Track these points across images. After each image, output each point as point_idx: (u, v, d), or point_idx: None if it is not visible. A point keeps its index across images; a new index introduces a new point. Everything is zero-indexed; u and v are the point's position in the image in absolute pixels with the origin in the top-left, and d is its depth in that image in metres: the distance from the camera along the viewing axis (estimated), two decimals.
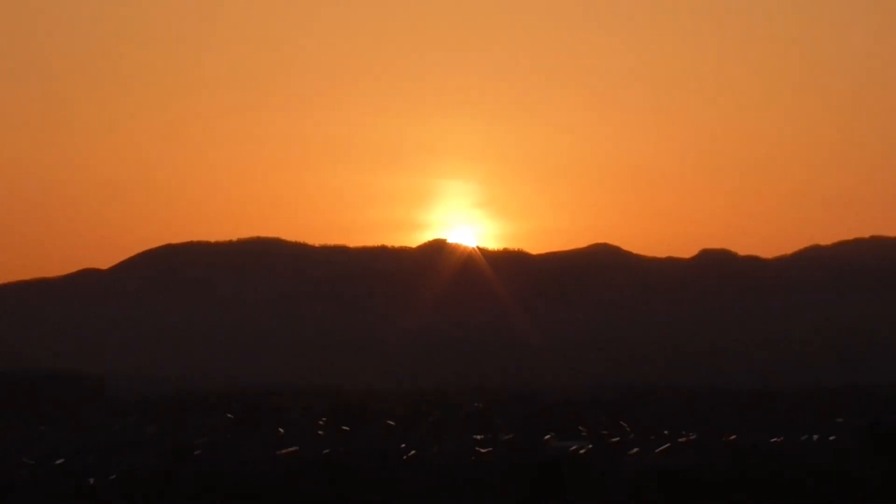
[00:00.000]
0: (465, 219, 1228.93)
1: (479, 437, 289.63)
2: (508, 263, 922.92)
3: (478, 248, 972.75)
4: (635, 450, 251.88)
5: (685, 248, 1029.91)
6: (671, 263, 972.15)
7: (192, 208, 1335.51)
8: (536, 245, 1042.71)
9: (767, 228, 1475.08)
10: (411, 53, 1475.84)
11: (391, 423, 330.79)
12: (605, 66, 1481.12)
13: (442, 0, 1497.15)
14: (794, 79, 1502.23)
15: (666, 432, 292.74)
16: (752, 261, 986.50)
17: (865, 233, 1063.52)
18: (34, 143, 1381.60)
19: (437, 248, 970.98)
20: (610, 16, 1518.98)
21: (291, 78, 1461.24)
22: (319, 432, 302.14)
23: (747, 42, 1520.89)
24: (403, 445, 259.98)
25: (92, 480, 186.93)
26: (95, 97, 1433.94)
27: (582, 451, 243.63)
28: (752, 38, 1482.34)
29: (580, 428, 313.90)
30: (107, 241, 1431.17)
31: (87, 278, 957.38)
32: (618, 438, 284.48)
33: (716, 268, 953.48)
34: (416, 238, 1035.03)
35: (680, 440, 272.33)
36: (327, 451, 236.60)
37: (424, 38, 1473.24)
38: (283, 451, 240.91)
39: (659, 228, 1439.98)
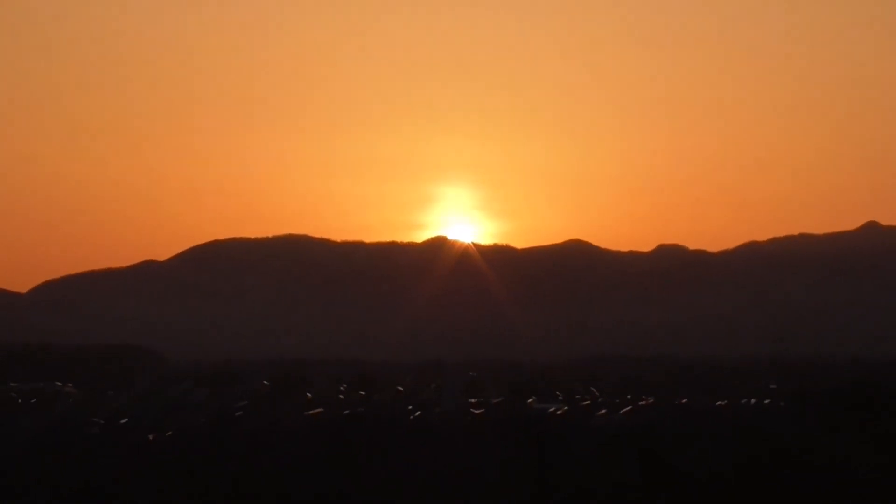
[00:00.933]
0: (462, 219, 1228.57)
1: (473, 400, 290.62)
2: (498, 256, 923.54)
3: (472, 243, 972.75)
4: (603, 411, 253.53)
5: (645, 243, 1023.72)
6: (633, 256, 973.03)
7: (236, 209, 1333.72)
8: (521, 241, 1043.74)
9: (714, 226, 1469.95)
10: (415, 86, 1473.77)
11: (400, 388, 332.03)
12: (574, 95, 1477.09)
13: (440, 45, 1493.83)
14: (739, 92, 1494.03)
15: (628, 396, 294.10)
16: (701, 254, 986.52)
17: (795, 230, 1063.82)
18: (105, 158, 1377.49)
19: (439, 244, 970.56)
20: (576, 51, 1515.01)
21: (323, 108, 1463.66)
22: (341, 396, 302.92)
23: (697, 57, 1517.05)
24: (410, 407, 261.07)
25: (151, 436, 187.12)
26: (164, 117, 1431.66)
27: (558, 412, 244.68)
28: (699, 52, 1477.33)
29: (557, 393, 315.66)
30: (164, 238, 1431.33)
31: (148, 268, 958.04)
32: (588, 401, 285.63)
33: (670, 260, 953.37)
34: (421, 235, 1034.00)
35: (640, 403, 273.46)
36: (347, 411, 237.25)
37: (427, 74, 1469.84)
38: (311, 412, 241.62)
39: (623, 226, 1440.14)
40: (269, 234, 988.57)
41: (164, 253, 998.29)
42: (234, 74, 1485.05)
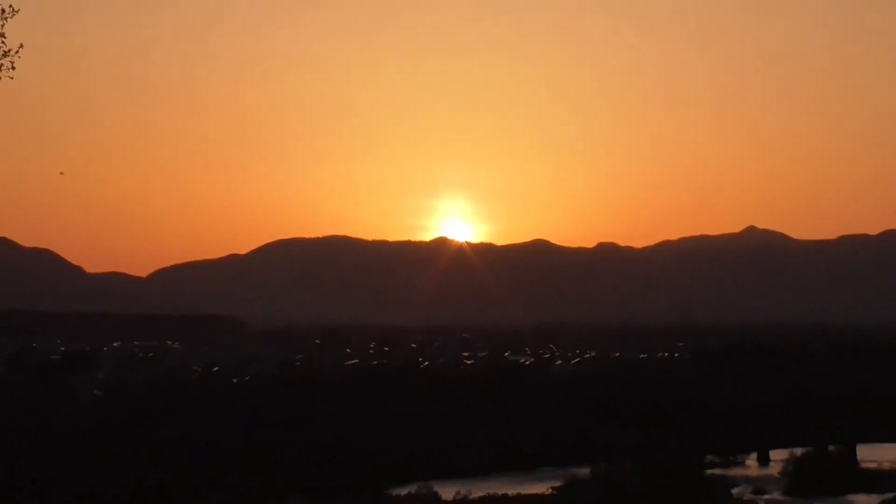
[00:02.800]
0: (458, 223, 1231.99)
1: (466, 354, 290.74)
2: (484, 251, 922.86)
3: (466, 241, 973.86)
4: (559, 361, 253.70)
5: (588, 241, 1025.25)
6: (580, 250, 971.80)
7: (297, 216, 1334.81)
8: (500, 239, 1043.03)
9: (639, 227, 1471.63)
10: (422, 125, 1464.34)
11: (413, 345, 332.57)
12: (541, 126, 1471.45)
13: (441, 95, 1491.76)
14: (674, 95, 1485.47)
15: (577, 351, 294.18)
16: (629, 249, 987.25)
17: (697, 231, 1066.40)
18: (203, 176, 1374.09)
19: (441, 242, 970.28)
20: (533, 88, 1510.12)
21: (358, 142, 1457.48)
22: (370, 351, 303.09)
23: (630, 62, 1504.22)
24: (420, 359, 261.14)
25: (235, 380, 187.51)
26: (248, 148, 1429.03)
27: (526, 363, 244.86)
28: (638, 60, 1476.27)
29: (526, 349, 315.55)
30: (245, 236, 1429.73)
31: (233, 259, 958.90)
32: (548, 355, 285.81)
33: (607, 253, 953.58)
34: (427, 235, 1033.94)
35: (585, 356, 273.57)
36: (375, 362, 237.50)
37: (430, 115, 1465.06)
38: (349, 362, 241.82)
39: (572, 229, 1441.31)
40: (320, 235, 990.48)
41: (244, 248, 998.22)
42: (297, 116, 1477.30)
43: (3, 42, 12.79)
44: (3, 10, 12.87)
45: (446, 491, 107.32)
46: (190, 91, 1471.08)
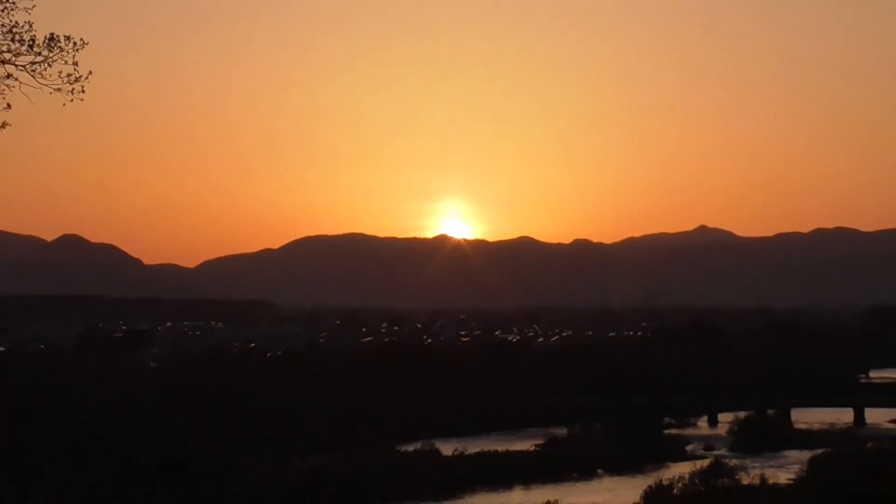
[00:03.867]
0: (456, 223, 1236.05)
1: (462, 332, 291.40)
2: (477, 246, 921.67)
3: (463, 238, 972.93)
4: (540, 339, 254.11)
5: (565, 237, 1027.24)
6: (558, 246, 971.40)
7: (323, 216, 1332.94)
8: (492, 237, 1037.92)
9: (609, 225, 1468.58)
10: (425, 143, 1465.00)
11: (418, 325, 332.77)
12: (529, 141, 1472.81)
13: (443, 114, 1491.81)
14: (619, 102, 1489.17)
15: (556, 330, 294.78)
16: (600, 245, 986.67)
17: (657, 230, 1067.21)
18: (243, 183, 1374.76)
19: (442, 239, 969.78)
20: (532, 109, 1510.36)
21: (374, 156, 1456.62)
22: (382, 330, 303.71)
23: (604, 84, 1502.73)
24: (425, 336, 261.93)
25: (269, 354, 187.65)
26: (286, 163, 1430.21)
27: (514, 340, 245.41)
28: (611, 82, 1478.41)
29: (513, 328, 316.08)
30: (278, 233, 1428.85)
31: (267, 253, 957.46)
32: (532, 333, 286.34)
33: (582, 247, 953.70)
34: (431, 233, 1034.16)
35: (564, 334, 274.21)
36: (387, 339, 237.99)
37: (432, 134, 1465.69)
38: (364, 339, 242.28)
39: (551, 227, 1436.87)
40: (340, 232, 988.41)
41: (277, 243, 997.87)
42: (322, 135, 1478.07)
43: (75, 69, 12.70)
44: (76, 43, 12.79)
45: (446, 448, 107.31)
46: (236, 114, 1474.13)
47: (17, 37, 12.35)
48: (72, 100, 12.87)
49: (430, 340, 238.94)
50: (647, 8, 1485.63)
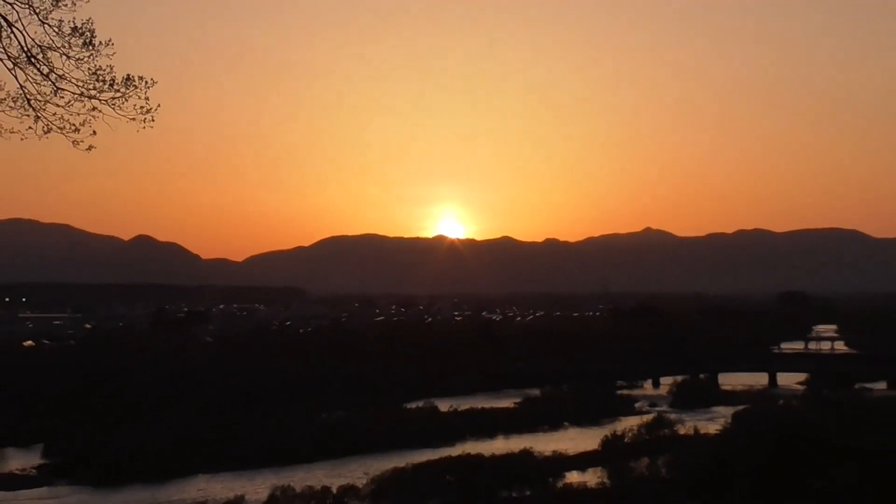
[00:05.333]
0: (451, 225, 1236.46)
1: (456, 313, 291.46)
2: (468, 244, 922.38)
3: (457, 238, 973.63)
4: (518, 318, 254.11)
5: (539, 236, 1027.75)
6: (532, 244, 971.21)
7: (345, 219, 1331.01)
8: (481, 236, 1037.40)
9: (577, 225, 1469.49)
10: (426, 161, 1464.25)
11: (421, 307, 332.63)
12: (511, 155, 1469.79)
13: (441, 138, 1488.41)
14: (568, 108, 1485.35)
15: (532, 311, 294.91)
16: (565, 243, 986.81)
17: (611, 230, 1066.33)
18: (278, 189, 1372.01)
19: (440, 238, 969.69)
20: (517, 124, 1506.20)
21: (385, 168, 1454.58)
22: (392, 311, 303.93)
23: (572, 104, 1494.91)
24: (426, 316, 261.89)
25: (301, 330, 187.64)
26: (325, 179, 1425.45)
27: (497, 318, 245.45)
28: (579, 102, 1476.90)
29: (496, 310, 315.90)
30: (308, 233, 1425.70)
31: (299, 249, 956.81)
32: (511, 314, 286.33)
33: (553, 245, 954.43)
34: (430, 233, 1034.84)
35: (537, 315, 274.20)
36: (396, 318, 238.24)
37: (434, 153, 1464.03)
38: (377, 318, 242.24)
39: (527, 227, 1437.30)
40: (359, 233, 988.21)
41: (308, 241, 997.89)
42: (347, 153, 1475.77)
43: (147, 103, 12.81)
44: (147, 82, 12.89)
45: (443, 405, 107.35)
46: (274, 136, 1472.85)
47: (101, 77, 12.45)
48: (144, 127, 12.98)
49: (430, 320, 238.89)
50: (612, 31, 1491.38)
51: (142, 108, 12.25)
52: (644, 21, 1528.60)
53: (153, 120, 12.41)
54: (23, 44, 12.29)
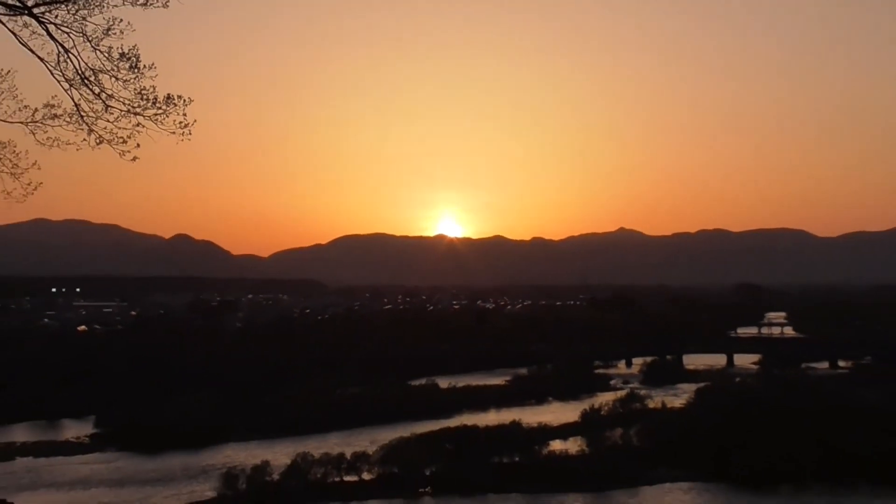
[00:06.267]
0: (450, 225, 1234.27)
1: (454, 302, 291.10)
2: (465, 241, 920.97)
3: (455, 236, 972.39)
4: (509, 306, 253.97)
5: (526, 235, 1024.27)
6: (521, 242, 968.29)
7: (358, 220, 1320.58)
8: (475, 235, 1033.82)
9: (560, 224, 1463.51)
10: (430, 173, 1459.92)
11: (423, 297, 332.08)
12: (500, 169, 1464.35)
13: (442, 153, 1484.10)
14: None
15: (520, 300, 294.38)
16: (550, 241, 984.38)
17: (590, 230, 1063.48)
18: (299, 194, 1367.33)
19: (440, 236, 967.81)
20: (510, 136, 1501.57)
21: (392, 177, 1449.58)
22: (398, 300, 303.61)
23: (560, 114, 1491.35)
24: (428, 305, 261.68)
25: (319, 317, 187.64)
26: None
27: (490, 307, 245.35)
28: (564, 112, 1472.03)
29: (490, 299, 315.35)
30: (325, 232, 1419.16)
31: (317, 246, 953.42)
32: (503, 302, 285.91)
33: (537, 244, 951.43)
34: (432, 232, 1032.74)
35: (525, 304, 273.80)
36: (402, 307, 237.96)
37: (435, 166, 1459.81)
38: (386, 307, 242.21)
39: (516, 227, 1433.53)
40: (370, 232, 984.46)
41: (325, 239, 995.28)
42: (364, 163, 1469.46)
43: (185, 118, 12.89)
44: (185, 101, 12.96)
45: (442, 382, 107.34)
46: (294, 145, 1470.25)
47: (145, 96, 12.54)
48: (182, 139, 13.05)
49: (431, 308, 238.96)
50: (586, 48, 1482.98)
51: (180, 123, 12.32)
52: (616, 36, 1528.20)
53: (190, 133, 12.48)
54: (77, 67, 12.40)
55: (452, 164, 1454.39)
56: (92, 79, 11.93)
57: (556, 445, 71.78)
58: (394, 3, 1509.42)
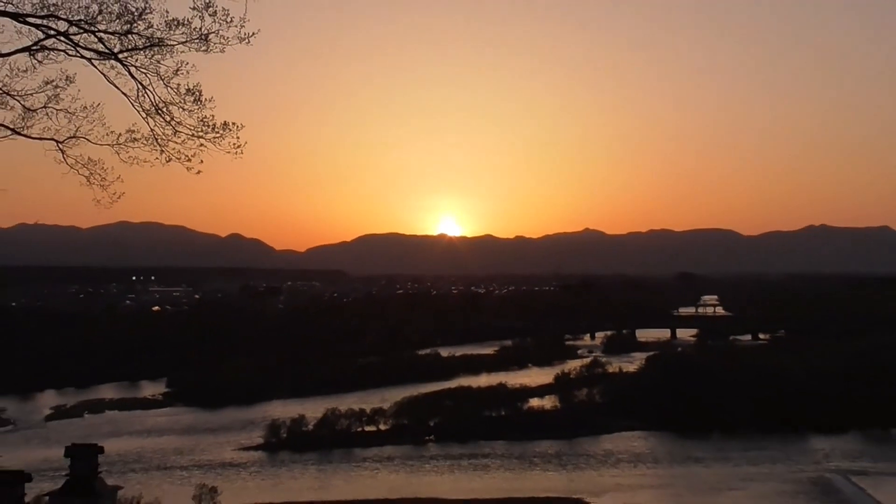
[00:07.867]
0: (450, 225, 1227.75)
1: (452, 288, 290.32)
2: (462, 240, 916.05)
3: (453, 235, 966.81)
4: (496, 292, 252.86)
5: (510, 234, 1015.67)
6: (506, 239, 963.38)
7: (376, 222, 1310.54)
8: (470, 234, 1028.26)
9: (533, 227, 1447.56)
10: (432, 181, 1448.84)
11: (428, 284, 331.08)
12: (497, 174, 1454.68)
13: (442, 160, 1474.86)
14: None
15: (506, 286, 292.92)
16: (530, 239, 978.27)
17: (562, 230, 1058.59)
18: (325, 199, 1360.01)
19: (442, 235, 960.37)
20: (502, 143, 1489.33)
21: (402, 185, 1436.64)
22: (408, 286, 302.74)
23: (548, 125, 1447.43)
24: (432, 290, 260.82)
25: (344, 300, 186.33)
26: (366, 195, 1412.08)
27: (481, 291, 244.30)
28: (547, 122, 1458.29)
29: (481, 285, 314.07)
30: (349, 231, 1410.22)
31: (342, 243, 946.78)
32: (492, 288, 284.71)
33: (519, 242, 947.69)
34: (435, 231, 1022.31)
35: (510, 289, 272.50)
36: (411, 292, 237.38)
37: (437, 172, 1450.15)
38: (398, 292, 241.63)
39: (503, 227, 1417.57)
40: (385, 231, 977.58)
41: (349, 237, 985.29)
42: (379, 173, 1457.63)
43: (237, 139, 13.05)
44: (238, 126, 13.11)
45: (443, 352, 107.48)
46: (323, 155, 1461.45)
47: (206, 123, 12.70)
48: (236, 157, 13.20)
49: (435, 292, 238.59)
50: (562, 61, 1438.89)
51: (234, 144, 12.59)
52: (593, 45, 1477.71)
53: (242, 152, 12.68)
54: (153, 101, 12.60)
55: (452, 175, 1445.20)
56: (164, 110, 12.23)
57: (535, 402, 72.58)
58: (427, 44, 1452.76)
